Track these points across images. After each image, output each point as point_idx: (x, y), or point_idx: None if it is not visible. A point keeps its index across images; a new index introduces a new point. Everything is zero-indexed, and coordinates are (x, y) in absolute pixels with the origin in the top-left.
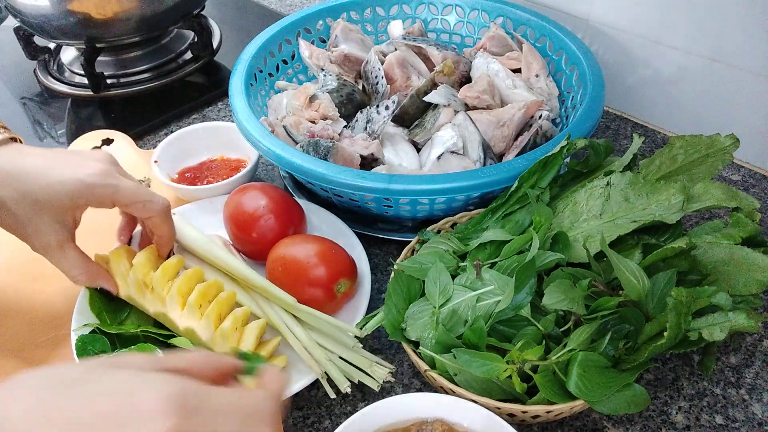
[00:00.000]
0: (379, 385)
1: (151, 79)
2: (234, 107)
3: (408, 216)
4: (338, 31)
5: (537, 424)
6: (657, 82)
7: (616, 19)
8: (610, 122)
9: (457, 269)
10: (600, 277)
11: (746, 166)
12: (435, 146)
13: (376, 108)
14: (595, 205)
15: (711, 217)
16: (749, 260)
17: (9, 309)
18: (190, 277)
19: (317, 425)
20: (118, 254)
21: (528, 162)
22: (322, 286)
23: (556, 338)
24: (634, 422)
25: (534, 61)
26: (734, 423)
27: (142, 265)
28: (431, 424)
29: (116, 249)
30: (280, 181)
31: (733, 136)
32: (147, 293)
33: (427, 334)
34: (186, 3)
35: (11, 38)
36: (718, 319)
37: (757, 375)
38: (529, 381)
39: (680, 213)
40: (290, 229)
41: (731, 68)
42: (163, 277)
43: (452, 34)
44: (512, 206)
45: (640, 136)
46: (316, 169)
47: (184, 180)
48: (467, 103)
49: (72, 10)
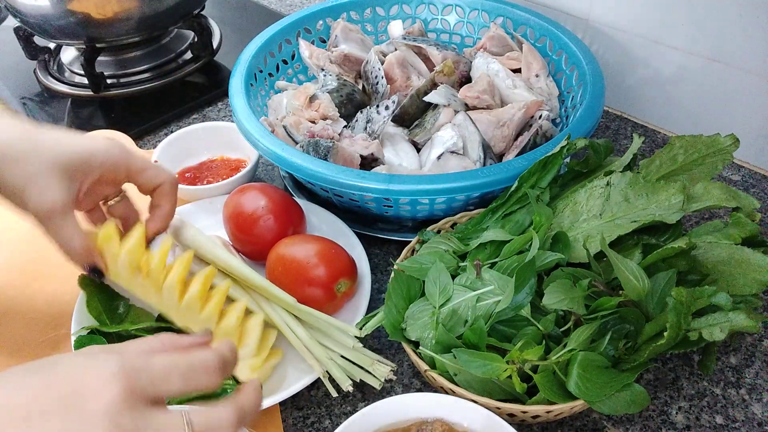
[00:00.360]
0: (381, 384)
1: (151, 79)
2: (234, 107)
3: (408, 216)
4: (338, 31)
5: (537, 424)
6: (657, 82)
7: (616, 19)
8: (610, 122)
9: (457, 269)
10: (600, 277)
11: (746, 166)
12: (435, 146)
13: (376, 108)
14: (595, 205)
15: (711, 217)
16: (749, 260)
17: (9, 309)
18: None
19: (317, 425)
20: (108, 233)
21: (528, 162)
22: (322, 286)
23: (556, 338)
24: (634, 422)
25: (534, 61)
26: (734, 423)
27: (136, 247)
28: (431, 424)
29: (106, 226)
30: (280, 181)
31: (733, 136)
32: (139, 277)
33: (427, 334)
34: (186, 3)
35: (11, 38)
36: (718, 319)
37: (757, 375)
38: (529, 381)
39: (680, 213)
40: (289, 230)
41: (731, 68)
42: (161, 262)
43: (452, 34)
44: (512, 206)
45: (640, 136)
46: (316, 169)
47: (184, 180)
48: (467, 103)
49: (72, 10)
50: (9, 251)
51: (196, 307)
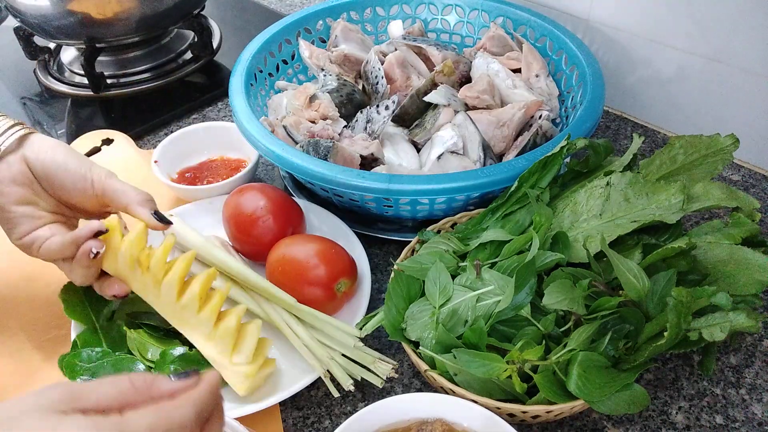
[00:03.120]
0: (383, 382)
1: (151, 79)
2: (234, 107)
3: (408, 216)
4: (338, 31)
5: (537, 424)
6: (657, 82)
7: (616, 19)
8: (610, 122)
9: (457, 269)
10: (600, 277)
11: (746, 166)
12: (435, 146)
13: (376, 108)
14: (595, 205)
15: (711, 217)
16: (749, 260)
17: (8, 309)
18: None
19: (317, 425)
20: (111, 224)
21: (528, 162)
22: (322, 286)
23: (556, 338)
24: (634, 422)
25: (534, 61)
26: (734, 423)
27: (138, 240)
28: (431, 424)
29: (109, 219)
30: (280, 181)
31: (733, 136)
32: (138, 271)
33: (427, 334)
34: (186, 3)
35: (11, 38)
36: (718, 319)
37: (757, 375)
38: (529, 381)
39: (680, 213)
40: (289, 230)
41: (731, 68)
42: (163, 257)
43: (452, 34)
44: (512, 206)
45: (640, 136)
46: (316, 169)
47: (183, 180)
48: (467, 103)
49: (72, 10)
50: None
51: (194, 307)
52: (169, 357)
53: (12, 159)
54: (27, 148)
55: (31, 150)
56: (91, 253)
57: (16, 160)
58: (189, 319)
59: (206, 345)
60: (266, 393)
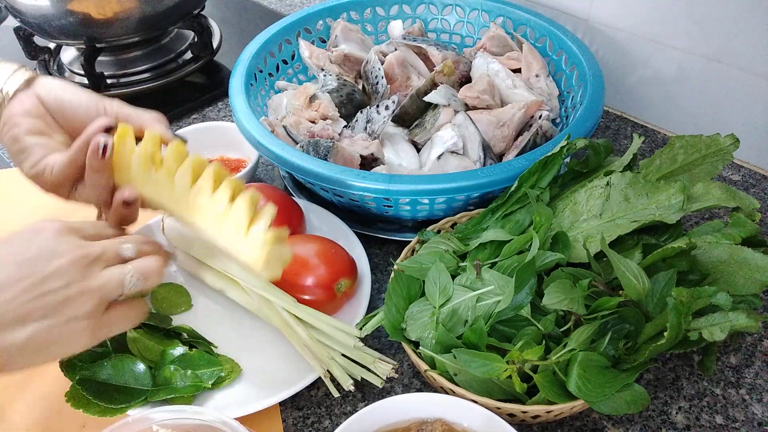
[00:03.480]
0: (383, 382)
1: (151, 79)
2: (234, 107)
3: (408, 216)
4: (338, 31)
5: (537, 424)
6: (657, 82)
7: (616, 19)
8: (610, 122)
9: (457, 269)
10: (600, 277)
11: (746, 166)
12: (435, 146)
13: (376, 108)
14: (595, 205)
15: (711, 217)
16: (749, 260)
17: None
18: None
19: (317, 425)
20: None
21: (528, 162)
22: (322, 286)
23: (556, 338)
24: (634, 422)
25: (534, 61)
26: (734, 423)
27: (154, 140)
28: (431, 424)
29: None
30: (280, 181)
31: (733, 136)
32: (152, 170)
33: (427, 334)
34: (186, 3)
35: (11, 38)
36: (718, 319)
37: (757, 375)
38: (529, 381)
39: (680, 213)
40: (289, 230)
41: (731, 68)
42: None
43: (452, 34)
44: (512, 206)
45: (640, 136)
46: (316, 169)
47: None
48: (467, 103)
49: (72, 10)
50: None
51: (209, 187)
52: (169, 357)
53: (23, 96)
54: (37, 86)
55: (42, 87)
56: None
57: (27, 96)
58: (203, 204)
59: (221, 226)
60: (266, 393)
